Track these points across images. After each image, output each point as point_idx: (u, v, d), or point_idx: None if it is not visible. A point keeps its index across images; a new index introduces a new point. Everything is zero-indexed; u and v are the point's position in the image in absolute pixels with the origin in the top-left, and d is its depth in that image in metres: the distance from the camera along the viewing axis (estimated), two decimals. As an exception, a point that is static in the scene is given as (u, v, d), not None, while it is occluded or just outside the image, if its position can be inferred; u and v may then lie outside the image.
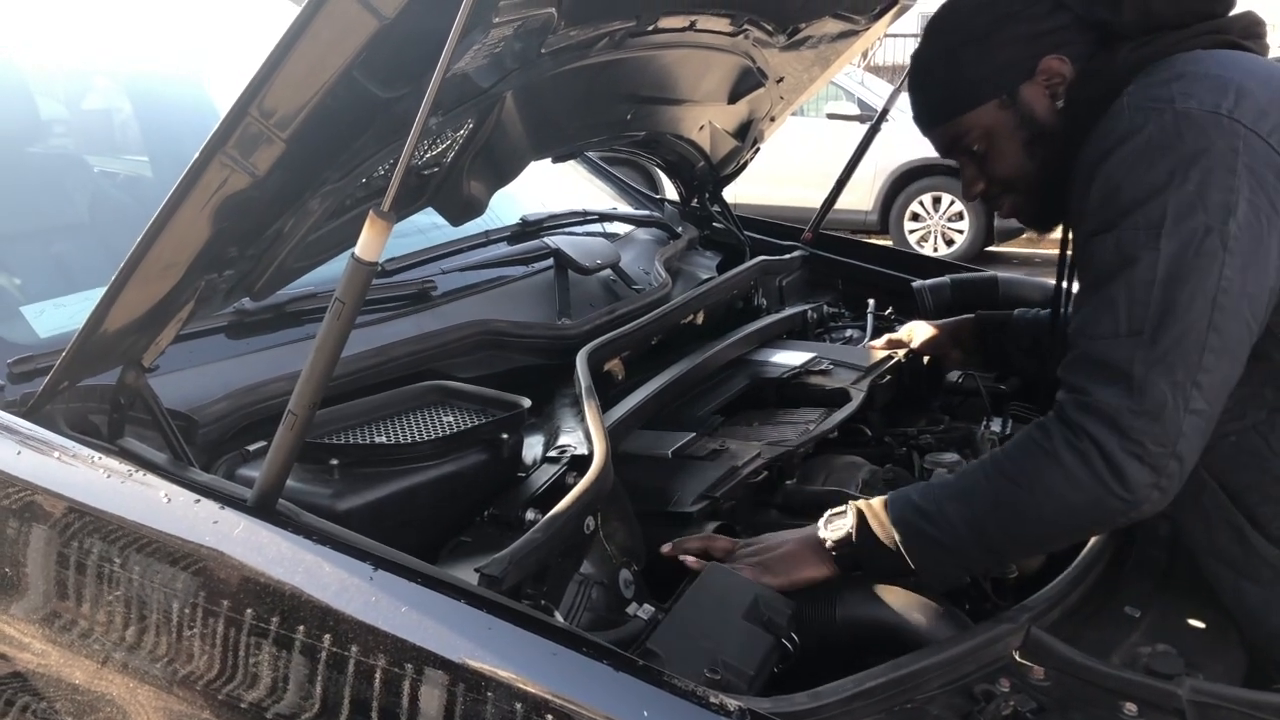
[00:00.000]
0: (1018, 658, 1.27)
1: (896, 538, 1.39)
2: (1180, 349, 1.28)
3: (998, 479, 1.36)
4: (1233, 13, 1.50)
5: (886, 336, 2.31)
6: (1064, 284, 1.83)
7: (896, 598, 1.44)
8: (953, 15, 1.60)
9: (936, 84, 1.62)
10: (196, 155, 1.15)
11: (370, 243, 1.08)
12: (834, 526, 1.46)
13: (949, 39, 1.59)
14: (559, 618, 1.29)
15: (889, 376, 2.13)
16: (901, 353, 2.21)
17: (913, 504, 1.40)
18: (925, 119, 1.64)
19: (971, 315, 2.24)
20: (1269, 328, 1.35)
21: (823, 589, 1.46)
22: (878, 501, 1.44)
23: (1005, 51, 1.52)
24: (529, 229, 2.43)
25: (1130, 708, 1.20)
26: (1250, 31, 1.50)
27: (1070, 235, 1.65)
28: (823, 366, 2.15)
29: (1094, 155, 1.39)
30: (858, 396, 2.02)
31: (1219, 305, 1.28)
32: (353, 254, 1.08)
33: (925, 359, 2.23)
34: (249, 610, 1.15)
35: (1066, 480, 1.30)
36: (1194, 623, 1.43)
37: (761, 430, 1.92)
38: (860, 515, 1.43)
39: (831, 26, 2.33)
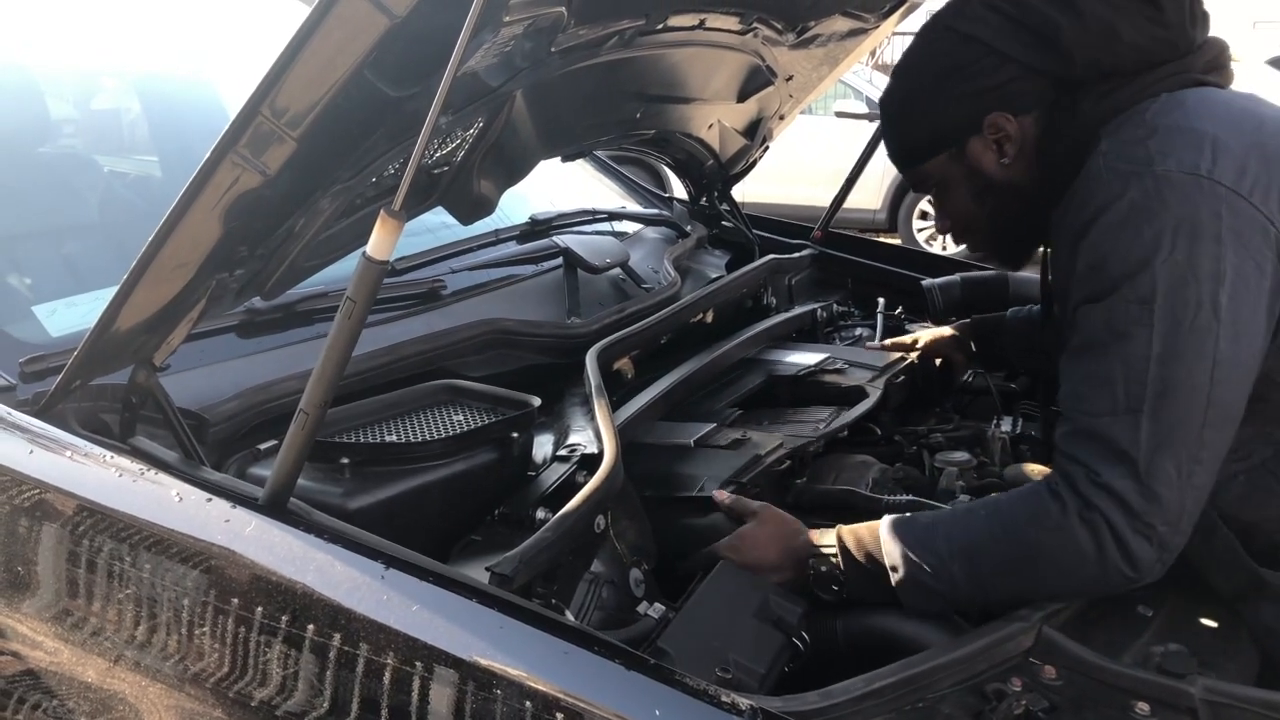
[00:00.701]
0: (1029, 657, 1.27)
1: (891, 577, 1.40)
2: (1182, 428, 1.28)
3: (1005, 543, 1.35)
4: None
5: (892, 341, 2.31)
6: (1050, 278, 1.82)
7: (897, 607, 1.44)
8: (906, 68, 1.62)
9: (893, 135, 1.67)
10: (208, 155, 1.15)
11: (381, 242, 1.08)
12: (823, 572, 1.46)
13: (902, 91, 1.63)
14: (570, 617, 1.29)
15: (903, 376, 2.12)
16: (912, 355, 2.21)
17: (910, 552, 1.39)
18: (893, 161, 1.69)
19: (968, 320, 2.23)
20: (1265, 373, 1.34)
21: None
22: (867, 535, 1.43)
23: (952, 106, 1.54)
24: (538, 228, 2.43)
25: (1142, 707, 1.19)
26: (1214, 65, 1.48)
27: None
28: (837, 366, 2.15)
29: (1076, 222, 1.39)
30: (874, 394, 2.02)
31: (1215, 380, 1.29)
32: (364, 253, 1.08)
33: (936, 362, 2.23)
34: (260, 608, 1.15)
35: (1076, 554, 1.30)
36: (1206, 622, 1.42)
37: (777, 425, 1.92)
38: (848, 556, 1.44)
39: (840, 24, 2.33)
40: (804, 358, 2.23)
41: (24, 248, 1.90)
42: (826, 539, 1.47)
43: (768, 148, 2.92)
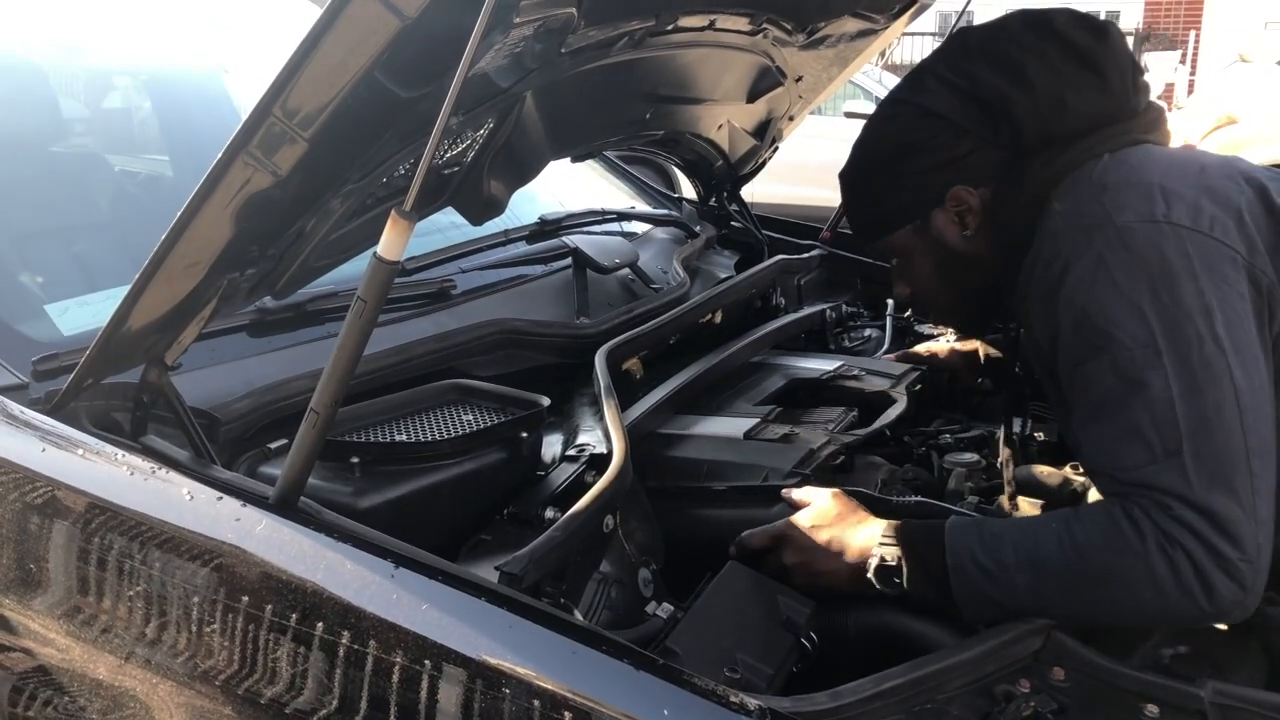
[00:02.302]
0: (1038, 659, 1.27)
1: (952, 580, 1.36)
2: (1229, 461, 1.25)
3: (1077, 563, 1.30)
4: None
5: (903, 352, 2.31)
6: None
7: (909, 606, 1.44)
8: (865, 143, 1.65)
9: (858, 209, 1.71)
10: (220, 155, 1.15)
11: (392, 242, 1.08)
12: (884, 568, 1.43)
13: (865, 167, 1.66)
14: (578, 616, 1.29)
15: (920, 385, 2.13)
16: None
17: (976, 559, 1.35)
18: (856, 233, 1.74)
19: (977, 342, 2.22)
20: None
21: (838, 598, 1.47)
22: (930, 534, 1.41)
23: (913, 182, 1.57)
24: (547, 228, 2.43)
25: (1152, 709, 1.19)
26: (1153, 126, 1.53)
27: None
28: (855, 372, 2.16)
29: (1045, 281, 1.40)
30: (902, 398, 2.01)
31: (1243, 408, 1.27)
32: (375, 253, 1.09)
33: (946, 376, 2.24)
34: (270, 606, 1.16)
35: (1153, 584, 1.25)
36: (1216, 624, 1.42)
37: (807, 424, 1.92)
38: (911, 553, 1.41)
39: (850, 25, 2.33)
40: (820, 364, 2.23)
41: (36, 247, 1.91)
42: (890, 533, 1.45)
43: (777, 148, 2.92)
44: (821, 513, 1.52)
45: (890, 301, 2.64)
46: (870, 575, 1.43)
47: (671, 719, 0.99)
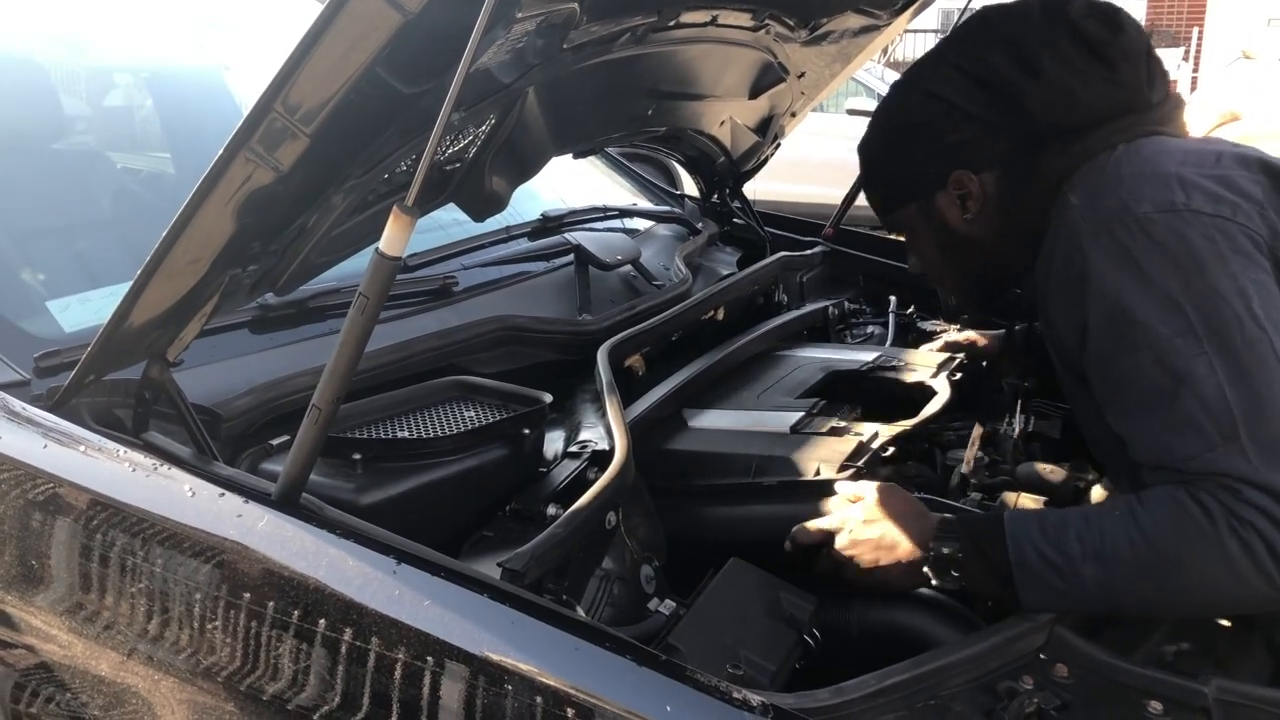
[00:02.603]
0: (1041, 655, 1.27)
1: (1013, 576, 1.34)
2: None
3: (1147, 552, 1.27)
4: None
5: (944, 339, 2.30)
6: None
7: (912, 601, 1.43)
8: (878, 119, 1.69)
9: (867, 181, 1.74)
10: (221, 151, 1.15)
11: (395, 237, 1.08)
12: (942, 561, 1.41)
13: (876, 144, 1.69)
14: (581, 613, 1.29)
15: (960, 374, 2.10)
16: (960, 355, 2.20)
17: (1040, 551, 1.33)
18: (870, 205, 1.76)
19: (1025, 325, 2.17)
20: None
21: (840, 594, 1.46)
22: (989, 527, 1.39)
23: (917, 161, 1.59)
24: (549, 225, 2.43)
25: (1155, 706, 1.19)
26: (1169, 119, 1.52)
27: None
28: (894, 363, 2.14)
29: (1068, 277, 1.39)
30: (945, 388, 1.99)
31: None
32: (377, 249, 1.08)
33: (983, 363, 2.22)
34: (272, 603, 1.15)
35: (1227, 568, 1.23)
36: (1219, 621, 1.42)
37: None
38: (972, 546, 1.39)
39: (853, 21, 2.32)
40: (857, 355, 2.21)
41: (38, 243, 1.91)
42: (947, 527, 1.43)
43: (779, 145, 2.91)
44: (876, 506, 1.50)
45: (893, 298, 2.64)
46: (927, 569, 1.41)
47: (674, 715, 0.98)
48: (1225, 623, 1.40)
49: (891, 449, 1.75)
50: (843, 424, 1.82)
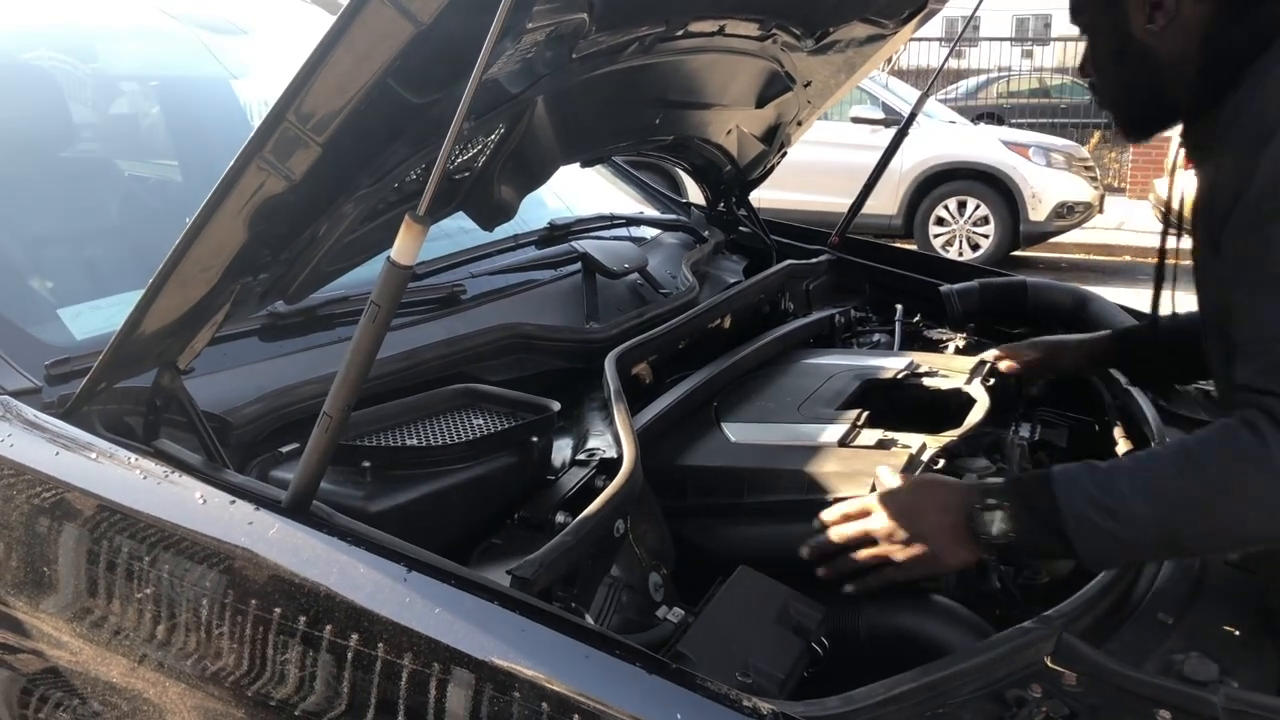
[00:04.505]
0: (1049, 663, 1.27)
1: (1066, 527, 1.32)
2: None
3: (1196, 481, 1.26)
4: None
5: (1005, 346, 2.19)
6: (1163, 289, 1.76)
7: (922, 606, 1.43)
8: None
9: None
10: (233, 160, 1.16)
11: (406, 246, 1.08)
12: (990, 517, 1.38)
13: None
14: (590, 620, 1.29)
15: (993, 380, 2.06)
16: (998, 361, 2.13)
17: (1090, 496, 1.31)
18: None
19: (1106, 334, 2.12)
20: None
21: (849, 598, 1.46)
22: (1035, 484, 1.36)
23: None
24: (557, 233, 2.43)
25: (1164, 715, 1.19)
26: None
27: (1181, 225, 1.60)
28: (927, 370, 2.11)
29: (1253, 129, 1.32)
30: (983, 396, 1.95)
31: None
32: (389, 257, 1.09)
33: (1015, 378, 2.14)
34: (281, 610, 1.16)
35: (1278, 488, 1.22)
36: (1228, 629, 1.42)
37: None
38: (1020, 501, 1.36)
39: (859, 31, 2.33)
40: (886, 362, 2.17)
41: (49, 251, 1.91)
42: (990, 487, 1.41)
43: (785, 153, 2.92)
44: (914, 480, 1.49)
45: (899, 306, 2.64)
46: (974, 528, 1.38)
47: (684, 723, 0.99)
48: (1234, 631, 1.40)
49: (941, 461, 1.72)
50: (889, 436, 1.78)
